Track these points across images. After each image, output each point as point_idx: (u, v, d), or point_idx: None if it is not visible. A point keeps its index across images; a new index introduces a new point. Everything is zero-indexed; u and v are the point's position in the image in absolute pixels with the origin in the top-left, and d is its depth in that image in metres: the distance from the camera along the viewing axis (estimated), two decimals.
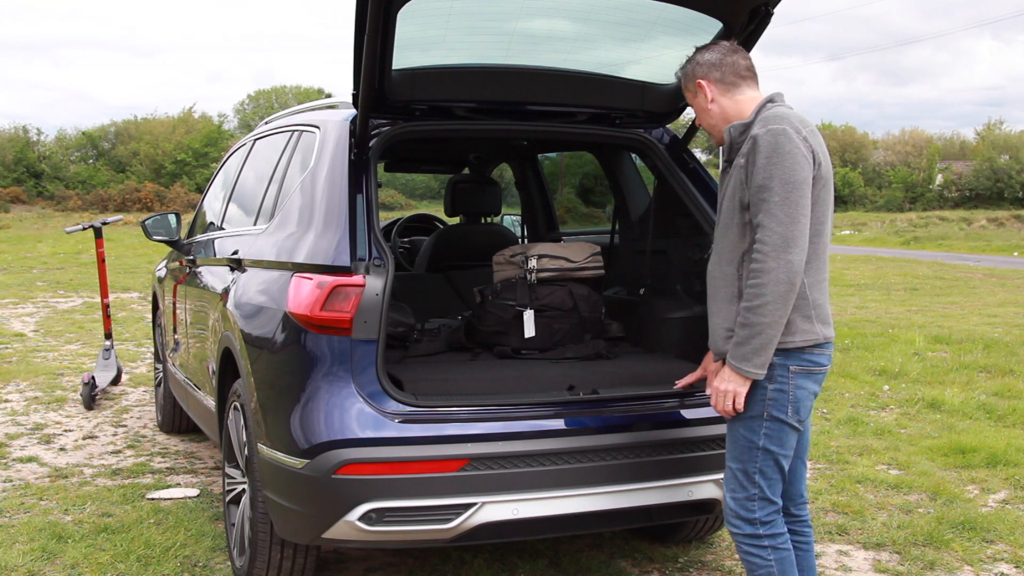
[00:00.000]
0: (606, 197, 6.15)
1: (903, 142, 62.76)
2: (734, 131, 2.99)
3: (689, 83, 3.13)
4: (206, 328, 4.57)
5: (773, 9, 3.38)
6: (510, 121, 3.99)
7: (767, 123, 2.87)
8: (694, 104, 3.16)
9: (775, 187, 2.79)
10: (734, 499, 2.98)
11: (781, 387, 2.91)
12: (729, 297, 2.97)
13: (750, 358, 2.85)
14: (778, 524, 2.99)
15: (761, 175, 2.82)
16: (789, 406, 2.92)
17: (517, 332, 4.10)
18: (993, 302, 14.69)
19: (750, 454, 2.95)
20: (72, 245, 22.99)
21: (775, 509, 2.98)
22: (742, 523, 2.98)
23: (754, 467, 2.95)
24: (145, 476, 5.43)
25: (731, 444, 3.01)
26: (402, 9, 3.19)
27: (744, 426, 2.95)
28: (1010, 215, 44.51)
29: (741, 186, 2.91)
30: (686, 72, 3.14)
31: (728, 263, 2.98)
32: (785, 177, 2.79)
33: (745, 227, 2.93)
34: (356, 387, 3.21)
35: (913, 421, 6.83)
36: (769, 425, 2.93)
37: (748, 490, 2.96)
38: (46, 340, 10.22)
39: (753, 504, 2.96)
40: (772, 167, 2.80)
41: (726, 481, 3.03)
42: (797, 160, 2.81)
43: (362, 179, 3.50)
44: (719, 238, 3.04)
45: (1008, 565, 4.23)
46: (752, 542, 2.97)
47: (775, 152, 2.81)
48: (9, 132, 51.41)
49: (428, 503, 3.15)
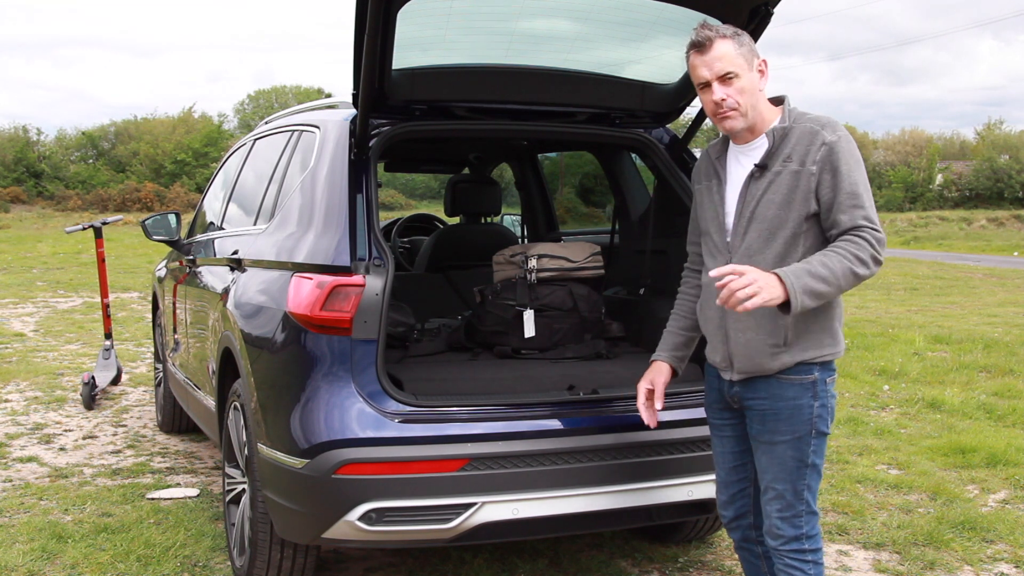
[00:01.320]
0: (606, 197, 6.16)
1: (903, 142, 62.75)
2: (777, 134, 2.80)
3: (751, 55, 2.82)
4: (206, 328, 4.57)
5: (773, 9, 3.37)
6: (510, 121, 3.98)
7: (835, 129, 2.76)
8: (747, 79, 2.79)
9: (863, 193, 2.72)
10: (782, 518, 2.87)
11: (824, 402, 2.84)
12: (774, 312, 2.72)
13: (808, 289, 2.60)
14: (819, 538, 2.91)
15: (848, 181, 2.70)
16: (829, 418, 2.86)
17: (517, 332, 4.10)
18: (993, 302, 14.69)
19: (799, 472, 2.83)
20: (72, 245, 22.98)
21: (817, 519, 2.91)
22: (788, 537, 2.87)
23: (803, 484, 2.85)
24: (145, 476, 5.43)
25: (775, 466, 2.86)
26: (402, 9, 3.19)
27: (791, 447, 2.82)
28: (1010, 215, 44.49)
29: (808, 195, 2.74)
30: (744, 42, 2.82)
31: None
32: (867, 184, 2.75)
33: (800, 236, 2.77)
34: (356, 387, 3.20)
35: (913, 421, 6.83)
36: (816, 441, 2.84)
37: (796, 507, 2.86)
38: (46, 340, 10.22)
39: (801, 520, 2.87)
40: (856, 173, 2.73)
41: (771, 502, 2.88)
42: (864, 166, 2.80)
43: (362, 179, 3.50)
44: (756, 247, 2.81)
45: (1008, 565, 4.23)
46: (796, 556, 2.87)
47: (853, 158, 2.74)
48: (9, 132, 51.41)
49: (428, 503, 3.15)
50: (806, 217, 2.76)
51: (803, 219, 2.76)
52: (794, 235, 2.77)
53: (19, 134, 51.27)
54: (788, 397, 2.82)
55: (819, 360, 2.82)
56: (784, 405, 2.83)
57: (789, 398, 2.82)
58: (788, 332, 2.78)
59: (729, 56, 2.78)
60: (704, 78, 2.81)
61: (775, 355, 2.80)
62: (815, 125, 2.77)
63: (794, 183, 2.76)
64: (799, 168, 2.75)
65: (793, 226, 2.77)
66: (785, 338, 2.79)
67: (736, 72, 2.78)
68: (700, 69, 2.81)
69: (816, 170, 2.73)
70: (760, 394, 2.86)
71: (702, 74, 2.81)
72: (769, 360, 2.81)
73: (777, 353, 2.80)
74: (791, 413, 2.82)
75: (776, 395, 2.84)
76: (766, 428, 2.87)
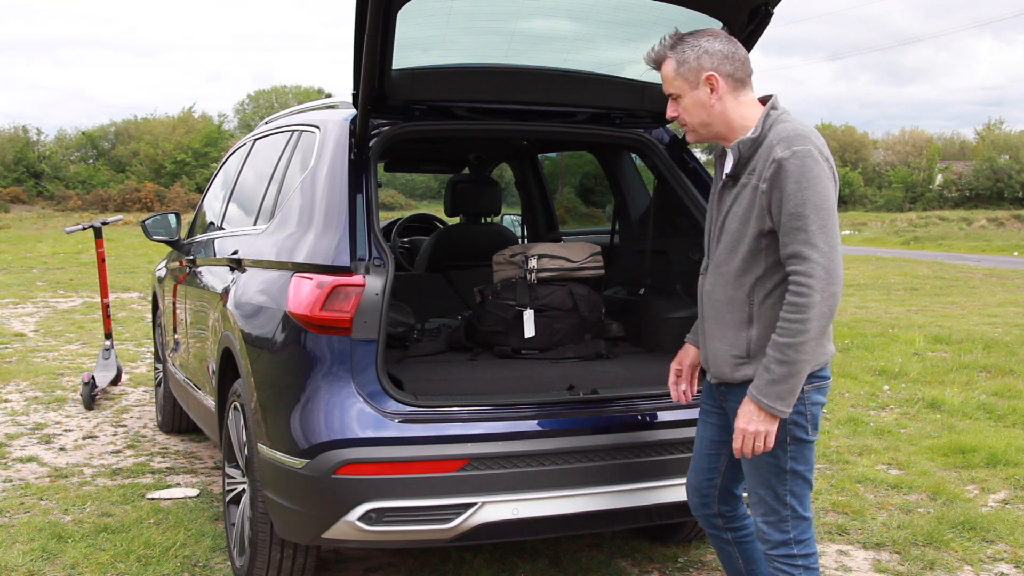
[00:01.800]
0: (606, 197, 6.16)
1: (903, 142, 62.80)
2: (743, 147, 2.74)
3: (692, 74, 2.77)
4: (206, 328, 4.57)
5: (773, 9, 3.37)
6: (510, 121, 3.98)
7: (790, 144, 2.64)
8: (689, 98, 2.80)
9: (809, 215, 2.60)
10: (766, 522, 2.86)
11: (799, 409, 2.76)
12: (738, 323, 2.79)
13: (786, 397, 2.65)
14: (812, 543, 2.88)
15: (792, 202, 2.61)
16: (808, 425, 2.80)
17: (517, 332, 4.10)
18: (993, 302, 14.69)
19: (779, 478, 2.81)
20: (72, 245, 22.98)
21: (808, 524, 2.88)
22: (776, 542, 2.86)
23: (784, 490, 2.83)
24: (145, 476, 5.43)
25: (754, 470, 2.85)
26: (402, 9, 3.19)
27: (767, 453, 2.79)
28: (1010, 215, 44.54)
29: (763, 213, 2.69)
30: (686, 59, 2.77)
31: (736, 288, 2.79)
32: (818, 203, 2.60)
33: (760, 253, 2.74)
34: (356, 387, 3.21)
35: (913, 421, 6.83)
36: (793, 448, 2.80)
37: (780, 512, 2.85)
38: (46, 340, 10.21)
39: (787, 525, 2.85)
40: (804, 193, 2.60)
41: (754, 506, 2.88)
42: (826, 185, 2.64)
43: (362, 179, 3.50)
44: (722, 259, 2.83)
45: (1008, 565, 4.23)
46: (786, 561, 2.85)
47: (804, 177, 2.61)
48: (9, 132, 51.44)
49: (428, 503, 3.15)
50: (763, 234, 2.72)
51: (760, 236, 2.72)
52: (752, 252, 2.75)
53: (19, 134, 51.30)
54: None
55: None
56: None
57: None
58: (751, 345, 2.78)
59: (668, 78, 2.84)
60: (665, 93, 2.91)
61: (737, 367, 2.82)
62: (775, 138, 2.69)
63: (752, 199, 2.73)
64: (757, 183, 2.71)
65: (750, 243, 2.75)
66: (748, 351, 2.79)
67: (676, 93, 2.83)
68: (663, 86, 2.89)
69: (766, 188, 2.67)
70: (739, 397, 2.82)
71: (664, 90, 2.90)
72: (731, 371, 2.83)
73: (739, 365, 2.81)
74: None
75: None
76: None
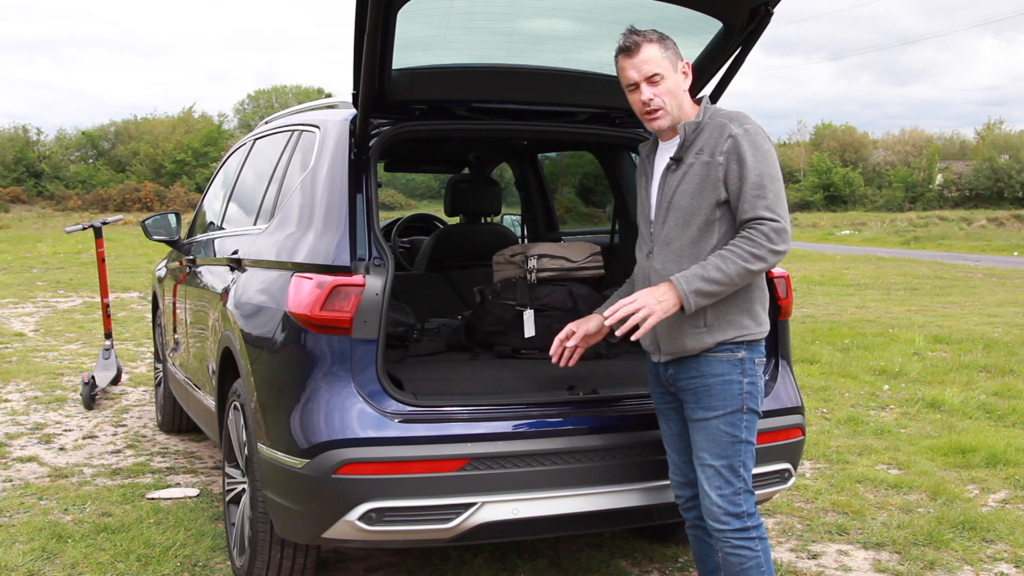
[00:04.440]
0: (606, 197, 6.15)
1: (903, 142, 62.78)
2: (688, 129, 2.98)
3: (675, 58, 3.03)
4: (206, 328, 4.57)
5: (773, 9, 3.37)
6: (510, 121, 3.98)
7: (741, 123, 2.93)
8: (672, 80, 3.00)
9: (767, 184, 2.87)
10: (721, 496, 2.99)
11: (752, 379, 3.01)
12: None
13: (702, 294, 2.86)
14: (758, 515, 3.05)
15: (754, 173, 2.87)
16: (759, 396, 3.04)
17: (517, 332, 4.10)
18: (993, 302, 14.69)
19: (734, 448, 2.99)
20: (72, 245, 22.99)
21: (754, 497, 3.05)
22: (730, 518, 2.99)
23: (739, 461, 3.00)
24: (145, 476, 5.43)
25: (709, 442, 3.00)
26: (402, 9, 3.19)
27: (724, 422, 2.98)
28: (1010, 215, 44.54)
29: (717, 184, 2.92)
30: (669, 46, 3.02)
31: (691, 260, 2.95)
32: (773, 175, 2.90)
33: (714, 224, 2.95)
34: (356, 387, 3.21)
35: (913, 421, 6.83)
36: (748, 418, 3.01)
37: (734, 484, 2.99)
38: (46, 340, 10.22)
39: (740, 497, 3.00)
40: (760, 165, 2.88)
41: (708, 479, 3.01)
42: (776, 159, 2.93)
43: (362, 179, 3.50)
44: (672, 236, 3.00)
45: (1008, 565, 4.23)
46: (741, 536, 3.00)
47: (758, 151, 2.90)
48: (9, 132, 51.52)
49: (428, 503, 3.15)
50: (717, 204, 2.95)
51: (714, 206, 2.95)
52: (707, 222, 2.96)
53: (19, 134, 51.36)
54: (718, 373, 2.99)
55: (743, 339, 3.00)
56: (715, 380, 2.99)
57: (719, 374, 2.99)
58: (707, 314, 2.96)
59: (655, 59, 2.99)
60: (632, 79, 3.02)
61: (696, 336, 2.98)
62: (725, 119, 2.96)
63: (705, 173, 2.95)
64: (709, 159, 2.94)
65: (705, 213, 2.96)
66: (705, 320, 2.97)
67: (662, 74, 2.99)
68: (629, 71, 3.01)
69: (723, 160, 2.91)
70: (691, 373, 3.02)
71: (631, 76, 3.02)
72: (692, 340, 2.99)
73: (698, 334, 2.98)
74: (722, 388, 2.98)
75: (706, 372, 3.00)
76: (700, 405, 3.02)
